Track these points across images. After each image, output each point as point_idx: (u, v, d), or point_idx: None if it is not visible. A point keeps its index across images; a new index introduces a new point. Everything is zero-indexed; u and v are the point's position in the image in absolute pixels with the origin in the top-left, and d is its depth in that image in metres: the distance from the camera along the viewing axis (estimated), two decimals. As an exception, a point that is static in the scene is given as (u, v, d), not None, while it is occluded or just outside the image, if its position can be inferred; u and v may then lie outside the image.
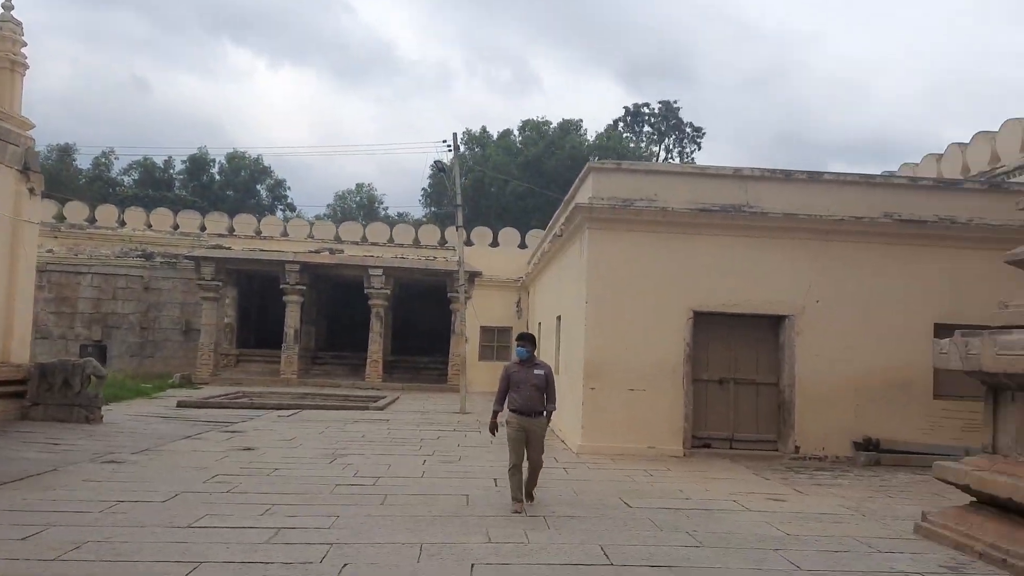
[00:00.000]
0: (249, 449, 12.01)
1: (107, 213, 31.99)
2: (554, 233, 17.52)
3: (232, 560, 6.01)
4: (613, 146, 46.55)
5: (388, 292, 27.37)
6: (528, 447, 8.22)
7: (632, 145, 51.99)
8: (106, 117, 79.80)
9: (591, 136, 49.75)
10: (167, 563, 5.87)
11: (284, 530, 6.99)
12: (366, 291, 27.16)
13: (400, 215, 55.22)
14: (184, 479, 9.29)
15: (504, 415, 8.45)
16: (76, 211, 31.74)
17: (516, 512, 8.04)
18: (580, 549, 6.72)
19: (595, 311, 13.16)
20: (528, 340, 8.61)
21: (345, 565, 5.98)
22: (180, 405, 18.32)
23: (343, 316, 31.35)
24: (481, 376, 26.48)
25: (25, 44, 15.12)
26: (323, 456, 11.60)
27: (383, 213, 57.75)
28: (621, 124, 55.48)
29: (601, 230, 13.33)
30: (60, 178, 45.82)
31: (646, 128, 56.56)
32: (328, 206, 61.51)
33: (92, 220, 31.60)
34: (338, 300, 31.41)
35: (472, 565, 6.12)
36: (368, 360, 27.20)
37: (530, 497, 8.43)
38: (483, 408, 19.88)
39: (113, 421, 14.65)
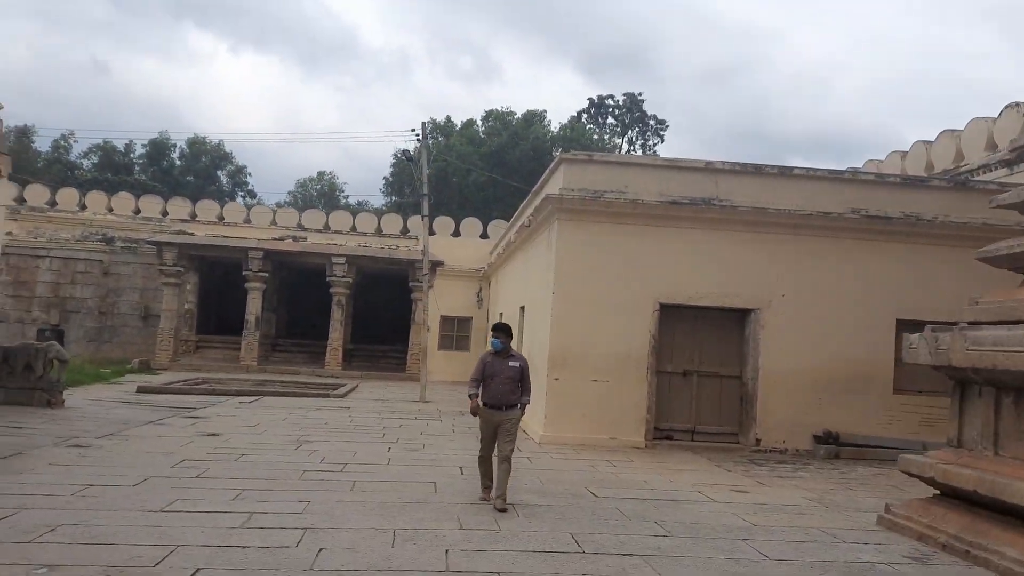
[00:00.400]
0: (214, 435, 11.88)
1: (68, 196, 31.29)
2: (521, 223, 17.50)
3: (208, 544, 5.97)
4: (577, 137, 46.49)
5: (350, 280, 27.20)
6: (498, 439, 8.07)
7: (596, 137, 51.96)
8: (65, 100, 77.97)
9: (555, 127, 49.59)
10: (143, 546, 5.81)
11: (257, 515, 6.95)
12: (328, 279, 26.94)
13: (361, 203, 54.66)
14: (152, 464, 9.18)
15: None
16: (37, 194, 31.02)
17: (484, 499, 8.06)
18: (551, 537, 6.78)
19: (562, 302, 13.17)
20: (503, 331, 8.32)
21: (321, 550, 5.97)
22: (140, 390, 18.03)
23: (303, 303, 31.07)
24: (441, 365, 26.57)
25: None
26: (288, 442, 11.53)
27: (344, 201, 57.10)
28: (585, 116, 55.50)
29: (570, 221, 13.33)
30: (18, 160, 44.66)
31: (610, 120, 56.68)
32: (289, 193, 60.81)
33: (53, 203, 30.88)
34: (299, 287, 31.11)
35: (446, 551, 6.15)
36: (328, 348, 26.98)
37: (501, 509, 7.66)
38: (442, 397, 20.14)
39: (74, 406, 14.38)
